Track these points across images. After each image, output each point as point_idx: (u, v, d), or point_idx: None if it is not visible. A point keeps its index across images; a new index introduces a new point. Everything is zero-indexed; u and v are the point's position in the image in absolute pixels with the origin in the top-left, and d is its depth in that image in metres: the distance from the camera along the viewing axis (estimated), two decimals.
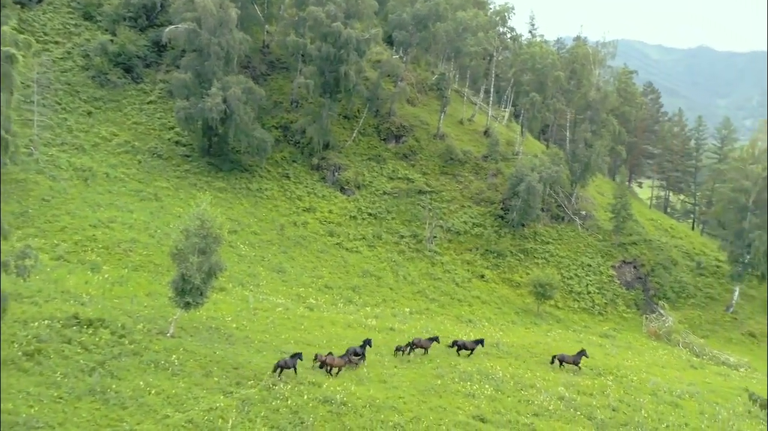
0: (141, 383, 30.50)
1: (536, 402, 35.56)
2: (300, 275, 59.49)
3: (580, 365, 43.10)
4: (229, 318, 43.72)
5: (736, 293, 73.60)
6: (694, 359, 57.64)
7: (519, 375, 39.93)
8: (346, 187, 75.20)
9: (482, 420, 32.14)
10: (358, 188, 75.60)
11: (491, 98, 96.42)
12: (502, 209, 76.31)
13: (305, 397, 31.82)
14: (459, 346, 43.77)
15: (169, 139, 72.26)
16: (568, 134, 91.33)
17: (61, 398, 28.09)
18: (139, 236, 54.35)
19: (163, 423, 27.89)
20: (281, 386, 32.65)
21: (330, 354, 37.89)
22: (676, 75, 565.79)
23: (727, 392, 45.47)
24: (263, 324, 44.29)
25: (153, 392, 30.03)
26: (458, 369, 39.17)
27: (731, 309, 72.75)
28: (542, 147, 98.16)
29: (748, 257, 72.32)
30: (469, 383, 37.01)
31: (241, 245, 60.92)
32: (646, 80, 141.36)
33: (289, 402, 31.24)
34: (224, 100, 67.01)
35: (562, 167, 77.87)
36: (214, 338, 39.16)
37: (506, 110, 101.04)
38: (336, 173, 76.25)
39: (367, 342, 39.90)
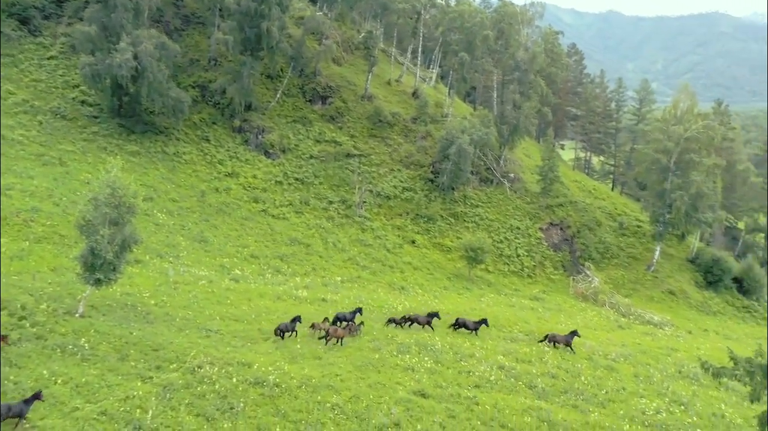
0: (45, 371, 27.17)
1: (477, 373, 34.39)
2: (224, 244, 56.06)
3: (572, 346, 41.76)
4: (147, 294, 40.21)
5: (657, 253, 75.52)
6: (622, 319, 58.61)
7: (457, 344, 38.70)
8: (270, 150, 71.54)
9: (423, 396, 30.58)
10: (284, 151, 72.13)
11: (419, 59, 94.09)
12: (432, 172, 74.90)
13: (234, 380, 29.20)
14: (460, 325, 42.37)
15: (73, 98, 66.19)
16: (495, 95, 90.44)
17: None
18: (42, 205, 49.31)
19: (72, 416, 24.75)
20: (207, 368, 29.88)
21: (326, 320, 38.25)
22: (588, 39, 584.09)
23: (657, 352, 46.12)
24: (185, 298, 41.00)
25: (59, 381, 26.78)
26: (396, 341, 37.50)
27: (652, 268, 74.64)
28: (470, 109, 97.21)
29: (669, 216, 74.10)
30: (407, 355, 35.39)
31: (159, 214, 56.76)
32: (563, 43, 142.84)
33: (216, 385, 28.53)
34: (135, 57, 61.66)
35: (492, 129, 76.93)
36: (130, 316, 35.84)
37: (434, 70, 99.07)
38: (259, 136, 72.36)
39: (358, 310, 39.96)
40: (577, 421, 30.29)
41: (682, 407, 34.46)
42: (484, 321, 42.75)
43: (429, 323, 41.65)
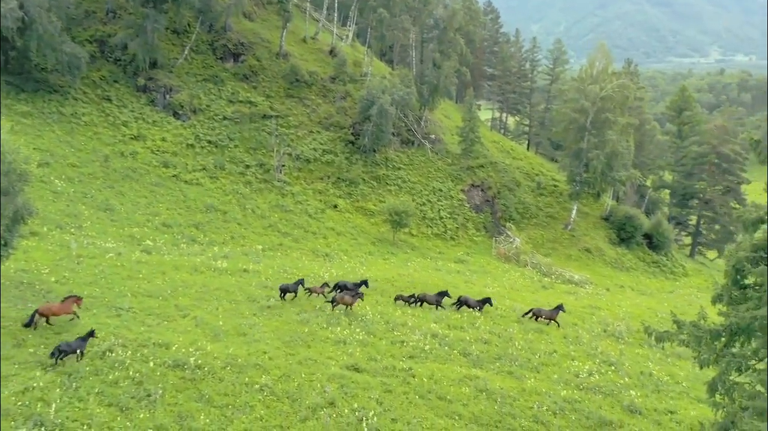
0: None
1: (410, 343, 33.11)
2: (132, 213, 51.94)
3: (557, 320, 40.66)
4: (47, 270, 36.29)
5: (574, 212, 76.96)
6: (545, 279, 59.17)
7: (388, 313, 37.31)
8: (179, 111, 66.88)
9: (357, 370, 28.99)
10: (194, 112, 67.64)
11: (335, 15, 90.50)
12: (352, 134, 72.56)
13: (151, 363, 26.44)
14: (461, 303, 40.80)
15: None
16: (414, 54, 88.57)
17: None
18: None
19: None
20: (119, 351, 26.97)
21: (326, 284, 39.02)
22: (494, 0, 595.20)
23: (581, 311, 46.54)
24: (90, 274, 37.29)
25: None
26: (325, 313, 35.63)
27: (569, 227, 76.08)
28: (388, 69, 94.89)
29: (585, 175, 75.40)
30: (338, 328, 33.61)
31: (56, 181, 51.85)
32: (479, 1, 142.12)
33: (130, 371, 25.70)
34: (21, 6, 55.34)
35: (413, 88, 75.22)
36: (26, 296, 32.10)
37: (350, 28, 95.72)
38: (167, 96, 67.43)
39: (364, 283, 39.43)
40: (513, 389, 29.64)
41: (613, 367, 34.64)
42: (487, 301, 41.17)
43: (439, 303, 40.12)
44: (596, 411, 28.67)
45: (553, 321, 40.84)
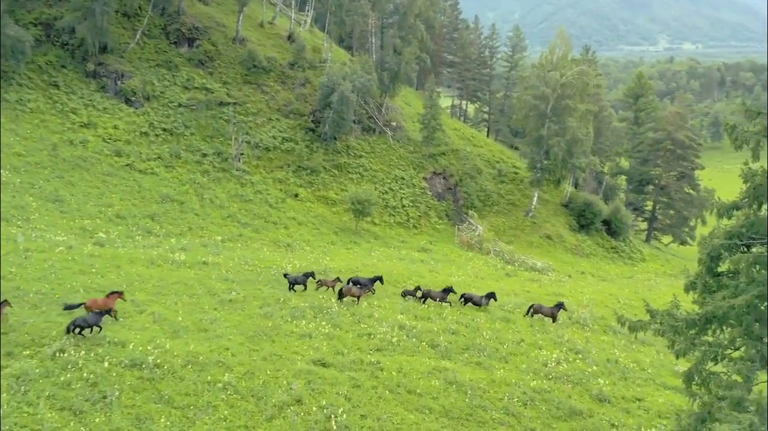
0: None
1: (377, 335, 32.35)
2: (83, 204, 49.73)
3: (558, 318, 39.80)
4: None
5: (535, 199, 77.28)
6: (508, 267, 59.12)
7: (354, 305, 36.44)
8: (132, 98, 64.36)
9: (324, 365, 28.12)
10: (148, 99, 65.19)
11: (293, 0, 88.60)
12: (312, 121, 71.13)
13: (106, 363, 25.03)
14: (466, 299, 39.88)
15: None
16: (373, 40, 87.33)
17: None
18: None
19: None
20: (71, 351, 25.49)
21: (338, 279, 38.71)
22: None
23: (546, 299, 46.28)
24: (39, 269, 35.39)
25: None
26: (288, 305, 34.57)
27: (531, 214, 76.38)
28: (347, 55, 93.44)
29: (546, 162, 75.66)
30: (303, 321, 32.63)
31: (1, 171, 49.23)
32: None
33: (84, 372, 24.26)
34: None
35: (373, 75, 74.10)
36: None
37: (308, 13, 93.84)
38: (118, 82, 64.83)
39: (378, 278, 39.83)
40: (483, 380, 29.19)
41: (580, 355, 34.52)
42: (492, 295, 40.45)
43: (444, 299, 39.30)
44: (566, 401, 28.42)
45: (555, 320, 40.02)
